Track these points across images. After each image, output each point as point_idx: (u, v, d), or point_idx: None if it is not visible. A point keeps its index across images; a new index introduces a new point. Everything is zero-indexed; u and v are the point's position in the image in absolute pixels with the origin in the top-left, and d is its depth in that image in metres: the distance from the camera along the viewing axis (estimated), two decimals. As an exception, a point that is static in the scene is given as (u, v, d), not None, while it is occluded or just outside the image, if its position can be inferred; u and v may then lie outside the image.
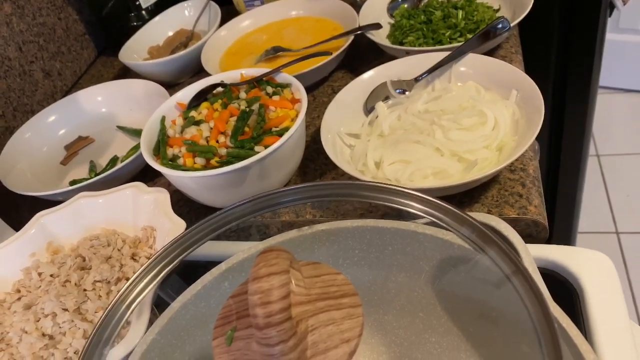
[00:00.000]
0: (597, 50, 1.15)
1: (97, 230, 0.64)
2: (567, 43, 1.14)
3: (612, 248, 1.83)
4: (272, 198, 0.48)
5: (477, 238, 0.38)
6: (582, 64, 1.16)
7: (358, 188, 0.46)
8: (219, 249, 0.60)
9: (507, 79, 0.65)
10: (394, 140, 0.63)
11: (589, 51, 1.15)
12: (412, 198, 0.42)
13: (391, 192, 0.45)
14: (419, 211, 0.41)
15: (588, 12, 1.09)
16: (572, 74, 1.18)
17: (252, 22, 0.94)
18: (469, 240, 0.38)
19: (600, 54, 1.17)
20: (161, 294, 0.57)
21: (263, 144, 0.62)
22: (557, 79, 1.20)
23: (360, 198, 0.46)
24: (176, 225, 0.58)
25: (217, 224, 0.48)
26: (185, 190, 0.64)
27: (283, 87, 0.69)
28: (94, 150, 0.83)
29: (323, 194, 0.47)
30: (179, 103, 0.72)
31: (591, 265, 0.54)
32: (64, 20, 1.01)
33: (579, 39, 1.13)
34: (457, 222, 0.39)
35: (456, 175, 0.58)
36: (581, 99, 1.23)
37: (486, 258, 0.37)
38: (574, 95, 1.21)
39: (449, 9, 0.82)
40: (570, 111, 1.25)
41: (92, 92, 0.86)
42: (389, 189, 0.45)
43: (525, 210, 0.57)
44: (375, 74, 0.71)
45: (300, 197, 0.48)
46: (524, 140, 0.58)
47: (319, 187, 0.48)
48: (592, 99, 1.24)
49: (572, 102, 1.23)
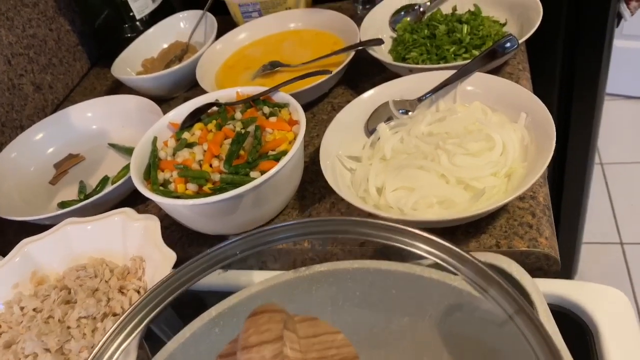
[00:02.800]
0: (605, 59, 1.13)
1: (84, 258, 0.61)
2: (573, 52, 1.11)
3: (616, 259, 1.79)
4: (265, 235, 0.45)
5: (483, 281, 0.36)
6: (589, 72, 1.14)
7: (356, 225, 0.43)
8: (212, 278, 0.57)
9: (515, 100, 0.62)
10: (397, 165, 0.60)
11: (596, 59, 1.12)
12: (414, 237, 0.40)
13: (391, 230, 0.42)
14: (421, 251, 0.38)
15: (595, 22, 1.07)
16: (578, 83, 1.16)
17: (249, 34, 0.90)
18: (475, 284, 0.35)
19: (607, 62, 1.15)
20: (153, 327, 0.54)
21: (259, 169, 0.59)
22: (563, 87, 1.17)
23: (359, 235, 0.43)
24: (166, 257, 0.55)
25: (207, 264, 0.45)
26: (177, 217, 0.61)
27: (280, 107, 0.66)
28: (84, 169, 0.80)
29: (320, 230, 0.45)
30: (172, 123, 0.69)
31: (606, 303, 0.51)
32: (55, 31, 0.98)
33: (585, 49, 1.10)
34: (462, 264, 0.37)
35: (463, 205, 0.55)
36: (587, 107, 1.20)
37: (491, 300, 0.34)
38: (580, 103, 1.19)
39: (453, 23, 0.79)
40: (576, 119, 1.22)
41: (82, 108, 0.83)
42: (389, 227, 0.42)
43: (535, 242, 0.54)
44: (376, 93, 0.68)
45: (295, 234, 0.45)
46: (534, 168, 0.54)
47: (316, 223, 0.45)
48: (598, 108, 1.21)
49: (578, 110, 1.21)
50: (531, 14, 0.75)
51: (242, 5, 0.93)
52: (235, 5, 0.93)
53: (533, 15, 0.74)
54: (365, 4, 0.89)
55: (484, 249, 0.55)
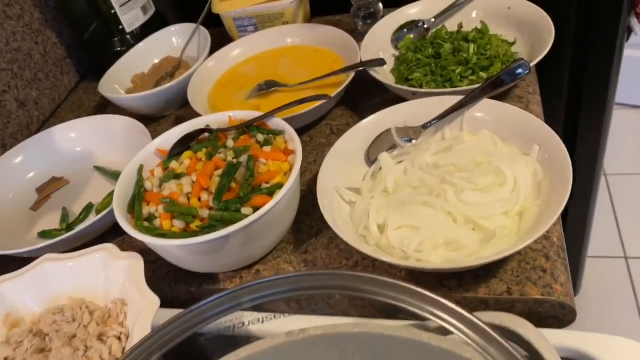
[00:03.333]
0: (614, 72, 1.10)
1: (63, 298, 0.57)
2: (582, 65, 1.07)
3: (621, 273, 1.75)
4: (253, 290, 0.40)
5: (499, 354, 0.31)
6: (597, 85, 1.11)
7: (350, 280, 0.39)
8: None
9: (527, 130, 0.58)
10: (400, 200, 0.56)
11: (605, 72, 1.09)
12: (415, 296, 0.36)
13: (390, 286, 0.38)
14: (428, 313, 0.34)
15: (605, 36, 1.03)
16: (586, 95, 1.13)
17: (244, 50, 0.86)
18: (489, 357, 0.31)
19: (616, 75, 1.12)
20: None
21: (251, 204, 0.54)
22: (570, 99, 1.14)
23: (353, 292, 0.39)
24: (149, 302, 0.50)
25: (188, 324, 0.41)
26: (162, 254, 0.57)
27: (275, 134, 0.62)
28: (68, 193, 0.76)
29: (311, 285, 0.40)
30: (160, 149, 0.64)
31: (623, 356, 0.47)
32: (41, 44, 0.94)
33: (594, 62, 1.07)
34: (475, 332, 0.33)
35: (471, 247, 0.51)
36: (595, 119, 1.17)
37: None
38: (588, 115, 1.15)
39: (459, 42, 0.74)
40: (583, 131, 1.19)
41: (65, 128, 0.78)
42: (387, 283, 0.39)
43: (550, 289, 0.50)
44: (377, 119, 0.64)
45: (285, 290, 0.40)
46: (548, 209, 0.50)
47: (308, 277, 0.41)
48: (606, 120, 1.18)
49: (585, 122, 1.17)
50: (542, 33, 0.70)
51: (237, 19, 0.88)
52: (230, 19, 0.89)
53: (544, 35, 0.69)
54: (366, 19, 0.85)
55: (495, 295, 0.51)
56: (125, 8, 0.90)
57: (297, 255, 0.59)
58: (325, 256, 0.58)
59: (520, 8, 0.76)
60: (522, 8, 0.76)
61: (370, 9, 0.84)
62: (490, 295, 0.51)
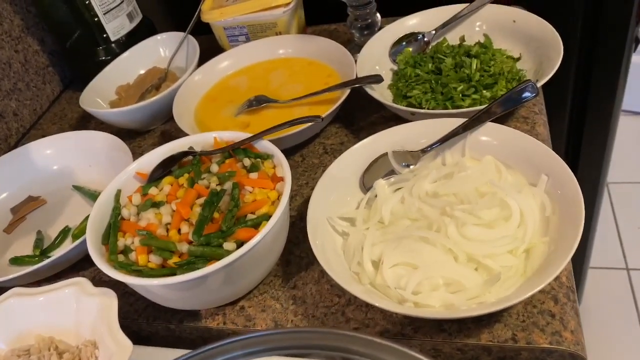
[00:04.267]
0: (621, 82, 1.06)
1: (31, 336, 0.53)
2: (589, 75, 1.04)
3: (622, 285, 1.72)
4: (228, 349, 0.36)
5: None
6: (603, 95, 1.07)
7: (338, 340, 0.36)
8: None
9: (535, 158, 0.54)
10: (396, 235, 0.51)
11: (612, 82, 1.05)
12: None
13: (378, 347, 0.35)
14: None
15: (613, 47, 0.99)
16: (591, 104, 1.09)
17: (234, 62, 0.82)
18: None
19: (623, 85, 1.09)
20: None
21: (235, 238, 0.50)
22: (575, 108, 1.10)
23: (340, 352, 0.36)
24: (121, 348, 0.46)
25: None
26: (138, 291, 0.52)
27: (263, 158, 0.58)
28: (44, 214, 0.71)
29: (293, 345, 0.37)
30: (139, 173, 0.60)
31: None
32: (22, 52, 0.89)
33: (602, 72, 1.03)
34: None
35: (473, 290, 0.47)
36: (600, 129, 1.13)
37: None
38: (593, 124, 1.12)
39: (461, 57, 0.70)
40: (587, 141, 1.15)
41: (43, 145, 0.74)
42: (376, 343, 0.35)
43: (559, 338, 0.45)
44: (373, 142, 0.60)
45: (264, 349, 0.37)
46: (557, 249, 0.46)
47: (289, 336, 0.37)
48: (612, 130, 1.14)
49: (590, 131, 1.14)
50: (550, 51, 0.66)
51: (227, 29, 0.84)
52: (220, 29, 0.84)
53: (552, 53, 0.65)
54: (363, 30, 0.80)
55: (499, 342, 0.46)
56: (109, 16, 0.86)
57: (285, 290, 0.55)
58: (315, 292, 0.54)
59: (526, 22, 0.72)
60: (529, 22, 0.71)
61: (367, 20, 0.80)
62: (494, 343, 0.46)
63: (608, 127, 1.13)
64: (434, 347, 0.49)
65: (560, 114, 1.11)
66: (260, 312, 0.54)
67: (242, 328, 0.53)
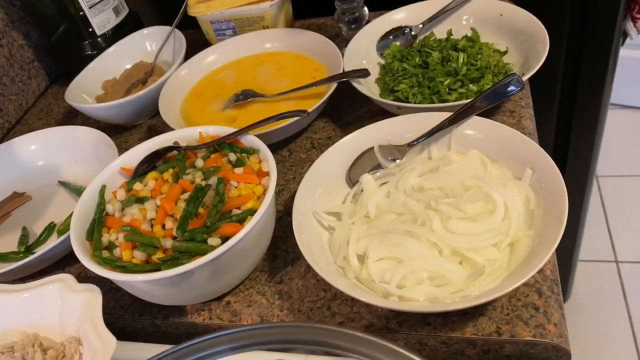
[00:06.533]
0: (609, 75, 1.06)
1: (15, 333, 0.52)
2: (577, 70, 1.04)
3: (611, 278, 1.73)
4: (213, 343, 0.36)
5: None
6: (591, 88, 1.07)
7: (323, 334, 0.36)
8: None
9: (520, 152, 0.54)
10: (382, 229, 0.51)
11: (600, 76, 1.06)
12: (392, 355, 0.32)
13: (361, 342, 0.35)
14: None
15: (601, 41, 0.99)
16: (580, 97, 1.09)
17: (220, 56, 0.81)
18: None
19: (611, 79, 1.09)
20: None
21: (219, 234, 0.50)
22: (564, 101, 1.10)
23: (324, 347, 0.36)
24: (105, 344, 0.46)
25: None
26: (123, 286, 0.52)
27: (249, 153, 0.57)
28: (30, 210, 0.71)
29: (276, 339, 0.36)
30: (124, 168, 0.59)
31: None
32: (6, 47, 0.88)
33: (589, 65, 1.03)
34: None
35: (458, 283, 0.47)
36: (589, 121, 1.14)
37: None
38: (581, 116, 1.12)
39: (448, 51, 0.70)
40: (576, 135, 1.16)
41: (28, 141, 0.73)
42: (362, 338, 0.35)
43: (543, 330, 0.46)
44: (360, 136, 0.60)
45: (248, 344, 0.36)
46: (541, 242, 0.46)
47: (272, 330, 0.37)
48: (601, 122, 1.15)
49: (579, 125, 1.14)
50: (536, 44, 0.66)
51: (214, 23, 0.83)
52: (207, 23, 0.84)
53: (538, 46, 0.65)
54: (350, 24, 0.80)
55: (483, 336, 0.47)
56: (95, 10, 0.85)
57: (271, 285, 0.55)
58: (301, 287, 0.54)
59: (513, 15, 0.72)
60: (516, 15, 0.71)
61: (355, 14, 0.79)
62: (479, 336, 0.47)
63: (597, 120, 1.14)
64: (419, 341, 0.49)
65: (549, 108, 1.11)
66: (246, 307, 0.54)
67: (228, 323, 0.53)
